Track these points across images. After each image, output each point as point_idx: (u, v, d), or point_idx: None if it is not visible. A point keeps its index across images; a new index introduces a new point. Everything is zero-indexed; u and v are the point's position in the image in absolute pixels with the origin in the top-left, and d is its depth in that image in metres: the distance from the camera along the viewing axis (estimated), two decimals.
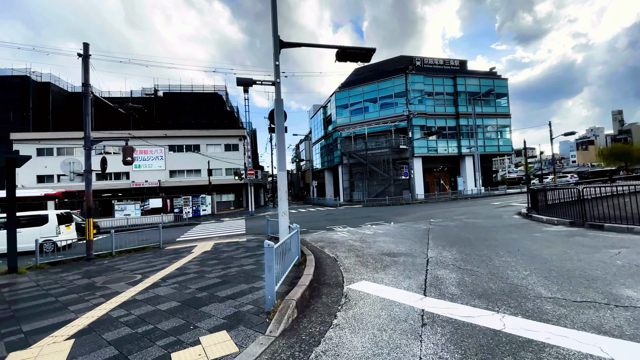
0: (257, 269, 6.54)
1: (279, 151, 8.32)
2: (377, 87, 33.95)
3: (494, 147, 35.54)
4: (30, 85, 37.39)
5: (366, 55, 9.64)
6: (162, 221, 20.80)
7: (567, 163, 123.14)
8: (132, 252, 10.85)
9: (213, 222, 21.16)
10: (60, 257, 10.13)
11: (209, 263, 7.62)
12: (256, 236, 12.73)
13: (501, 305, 3.82)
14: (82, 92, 9.96)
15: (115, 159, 34.50)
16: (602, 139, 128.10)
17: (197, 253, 9.37)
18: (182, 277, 6.28)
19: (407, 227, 11.90)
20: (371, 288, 4.79)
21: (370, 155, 32.78)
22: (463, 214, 15.26)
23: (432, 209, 19.29)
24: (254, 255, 8.37)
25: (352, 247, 8.48)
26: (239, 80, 8.25)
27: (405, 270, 5.75)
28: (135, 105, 11.76)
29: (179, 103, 40.93)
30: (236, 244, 10.73)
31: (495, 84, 35.00)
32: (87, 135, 9.93)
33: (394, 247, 8.01)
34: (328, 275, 5.75)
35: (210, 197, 29.64)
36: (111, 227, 20.40)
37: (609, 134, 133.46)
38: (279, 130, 8.38)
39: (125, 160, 9.84)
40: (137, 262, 8.69)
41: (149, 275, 6.75)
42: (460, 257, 6.43)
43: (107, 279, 6.70)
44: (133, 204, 22.32)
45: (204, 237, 13.82)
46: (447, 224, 11.96)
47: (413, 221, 13.84)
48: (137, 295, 5.23)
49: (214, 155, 33.75)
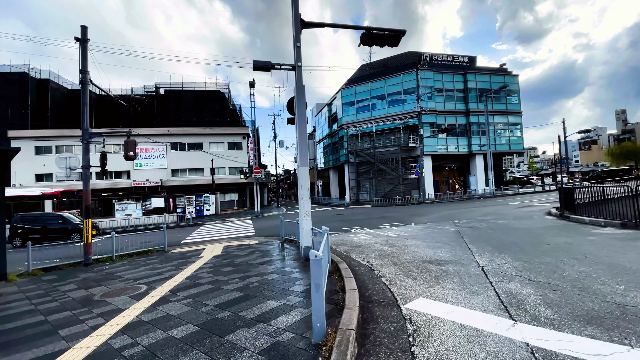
0: (282, 280, 5.59)
1: (301, 144, 7.37)
2: (385, 84, 32.97)
3: (504, 145, 34.56)
4: (28, 82, 36.38)
5: (394, 38, 8.71)
6: (165, 221, 19.84)
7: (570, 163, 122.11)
8: (135, 256, 9.92)
9: (218, 223, 20.22)
10: (57, 261, 9.19)
11: (223, 271, 6.67)
12: (268, 238, 11.78)
13: (628, 335, 2.88)
14: (80, 79, 9.01)
15: (116, 158, 33.54)
16: (604, 139, 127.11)
17: (207, 258, 8.43)
18: (195, 289, 5.33)
19: (432, 229, 10.94)
20: (437, 309, 3.84)
21: (378, 154, 31.81)
22: (486, 215, 14.30)
23: (448, 209, 18.33)
24: (272, 261, 7.41)
25: (382, 253, 7.52)
26: (256, 63, 7.30)
27: (463, 283, 4.79)
28: (137, 95, 10.78)
29: (181, 100, 39.89)
30: (248, 247, 9.79)
31: (506, 81, 33.97)
32: (85, 128, 8.98)
33: (432, 253, 7.06)
34: (371, 289, 4.79)
35: (214, 197, 28.71)
36: (112, 227, 19.47)
37: (611, 133, 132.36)
38: (300, 120, 7.43)
39: (127, 155, 8.90)
40: (141, 268, 7.75)
41: (156, 285, 5.80)
42: (521, 266, 5.48)
43: (106, 291, 5.75)
44: (134, 203, 21.38)
45: (211, 239, 12.88)
46: (475, 226, 11.00)
47: (435, 222, 12.88)
48: (144, 314, 4.28)
49: (217, 154, 32.79)
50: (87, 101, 9.11)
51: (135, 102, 10.16)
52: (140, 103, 10.32)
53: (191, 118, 39.09)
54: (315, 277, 3.11)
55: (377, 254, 7.44)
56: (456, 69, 34.00)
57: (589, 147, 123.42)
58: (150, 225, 19.55)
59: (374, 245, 8.59)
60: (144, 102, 10.59)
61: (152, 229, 18.30)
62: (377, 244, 8.69)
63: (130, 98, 10.05)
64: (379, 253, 7.50)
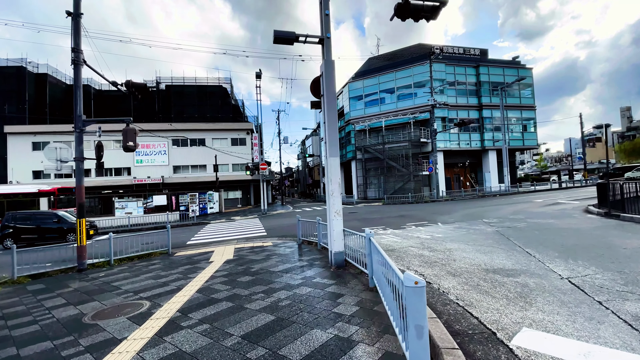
0: (318, 296, 4.47)
1: (330, 130, 6.25)
2: (395, 77, 31.75)
3: (518, 141, 33.32)
4: (26, 76, 35.25)
5: (433, 10, 7.54)
6: (168, 220, 18.76)
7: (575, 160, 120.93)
8: (135, 260, 8.84)
9: (224, 222, 19.13)
10: (49, 265, 8.11)
11: (241, 281, 5.56)
12: (282, 239, 10.67)
13: None
14: (73, 59, 7.88)
15: (116, 154, 32.47)
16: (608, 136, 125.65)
17: (219, 263, 7.32)
18: (211, 309, 4.22)
19: (467, 230, 9.82)
20: (563, 347, 2.72)
21: (387, 150, 30.68)
22: (516, 213, 13.18)
23: (468, 207, 17.20)
24: (296, 268, 6.30)
25: (426, 259, 6.41)
26: (277, 33, 6.15)
27: (563, 303, 3.67)
28: (138, 82, 9.67)
29: (182, 96, 38.74)
30: (263, 250, 8.69)
31: (520, 74, 32.70)
32: (79, 114, 7.86)
33: (488, 260, 5.94)
34: (445, 312, 3.67)
35: (217, 194, 27.61)
36: (111, 227, 18.40)
37: (615, 131, 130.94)
38: (330, 101, 6.29)
39: (126, 146, 7.78)
40: (142, 276, 6.65)
41: (161, 302, 4.70)
42: (619, 278, 4.35)
43: (100, 309, 4.65)
44: (135, 201, 20.29)
45: (219, 240, 11.77)
46: (513, 225, 9.87)
47: (463, 221, 11.76)
48: (147, 350, 3.17)
49: (221, 150, 31.66)
50: (80, 84, 7.98)
51: (136, 90, 8.98)
52: (141, 90, 9.14)
53: (193, 114, 37.95)
54: (416, 314, 1.99)
55: (420, 260, 6.32)
56: (468, 61, 32.75)
57: (594, 144, 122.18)
58: (152, 224, 18.47)
59: (410, 249, 7.47)
60: (145, 89, 9.36)
61: (153, 228, 17.25)
62: (413, 248, 7.56)
63: (131, 84, 8.89)
64: (422, 259, 6.37)
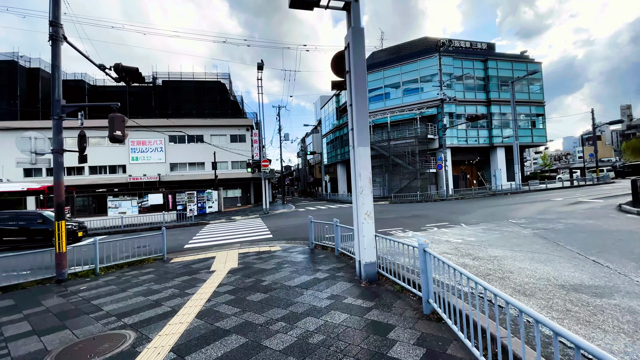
0: (359, 327, 3.37)
1: (358, 113, 5.14)
2: (400, 71, 30.64)
3: (527, 137, 32.29)
4: (17, 71, 33.90)
5: None
6: (164, 220, 17.60)
7: (573, 159, 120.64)
8: (125, 268, 7.71)
9: (224, 222, 18.00)
10: (27, 273, 6.98)
11: (251, 300, 4.46)
12: (290, 242, 9.56)
13: None
14: (50, 34, 6.72)
15: (110, 151, 31.21)
16: (607, 135, 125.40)
17: (222, 273, 6.22)
18: (216, 349, 3.11)
19: (498, 232, 8.76)
20: None
21: (393, 147, 29.60)
22: (542, 213, 12.16)
23: (485, 206, 16.17)
24: (317, 281, 5.20)
25: (473, 270, 5.34)
26: None
27: None
28: (128, 66, 8.51)
29: (180, 92, 37.42)
30: (271, 256, 7.59)
31: (529, 68, 31.70)
32: (57, 99, 6.71)
33: (553, 271, 4.87)
34: None
35: (216, 193, 26.44)
36: (103, 228, 17.23)
37: (615, 129, 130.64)
38: (358, 78, 5.17)
39: (112, 135, 6.64)
40: (131, 290, 5.53)
41: (150, 333, 3.59)
42: None
43: (69, 343, 3.52)
44: (129, 200, 19.09)
45: (220, 243, 10.65)
46: (550, 227, 8.82)
47: (488, 222, 10.70)
48: None
49: (220, 147, 30.46)
50: (59, 63, 6.82)
51: (127, 75, 7.87)
52: (132, 75, 8.03)
53: (191, 110, 36.68)
54: None
55: (468, 271, 5.23)
56: (476, 55, 31.69)
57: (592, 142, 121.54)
58: (147, 225, 17.31)
59: (446, 256, 6.39)
60: (137, 74, 8.22)
61: (148, 229, 16.11)
62: (449, 255, 6.48)
63: (121, 67, 7.82)
64: (469, 271, 5.30)
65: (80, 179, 30.53)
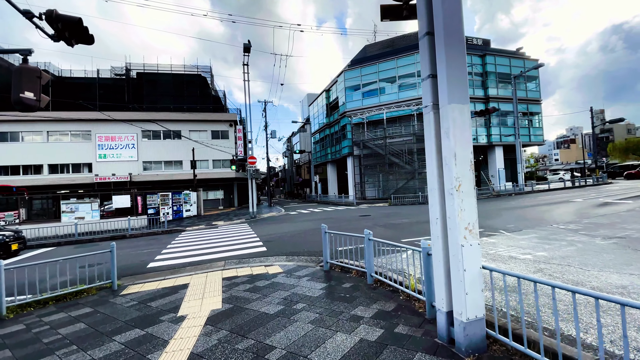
0: None
1: (449, 52, 2.86)
2: (396, 64, 28.85)
3: (524, 136, 31.23)
4: None
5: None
6: (130, 227, 14.72)
7: (550, 161, 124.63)
8: (50, 305, 5.12)
9: (203, 228, 15.33)
10: None
11: None
12: (292, 259, 7.20)
13: None
14: None
15: (74, 147, 27.57)
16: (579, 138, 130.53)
17: (196, 324, 3.80)
18: None
19: (565, 242, 6.76)
20: None
21: (389, 145, 27.72)
22: (579, 216, 10.39)
23: (503, 209, 14.42)
24: (369, 348, 2.89)
25: None
26: None
27: None
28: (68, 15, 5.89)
29: (156, 85, 34.04)
30: (271, 285, 5.22)
31: (526, 65, 30.74)
32: None
33: None
34: None
35: (195, 194, 23.59)
36: (54, 237, 14.17)
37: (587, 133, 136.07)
38: None
39: (16, 98, 4.10)
40: None
41: None
42: None
43: None
44: (89, 202, 16.04)
45: (197, 261, 8.10)
46: (626, 235, 6.92)
47: (534, 228, 8.77)
48: None
49: (200, 142, 27.54)
50: None
51: (64, 26, 5.46)
52: (72, 27, 5.64)
53: (168, 104, 33.36)
54: None
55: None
56: (474, 49, 30.39)
57: (568, 145, 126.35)
58: (110, 233, 14.39)
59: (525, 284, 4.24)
60: (79, 25, 5.74)
61: (110, 238, 13.25)
62: None
63: (55, 15, 5.47)
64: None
65: (37, 179, 26.78)
